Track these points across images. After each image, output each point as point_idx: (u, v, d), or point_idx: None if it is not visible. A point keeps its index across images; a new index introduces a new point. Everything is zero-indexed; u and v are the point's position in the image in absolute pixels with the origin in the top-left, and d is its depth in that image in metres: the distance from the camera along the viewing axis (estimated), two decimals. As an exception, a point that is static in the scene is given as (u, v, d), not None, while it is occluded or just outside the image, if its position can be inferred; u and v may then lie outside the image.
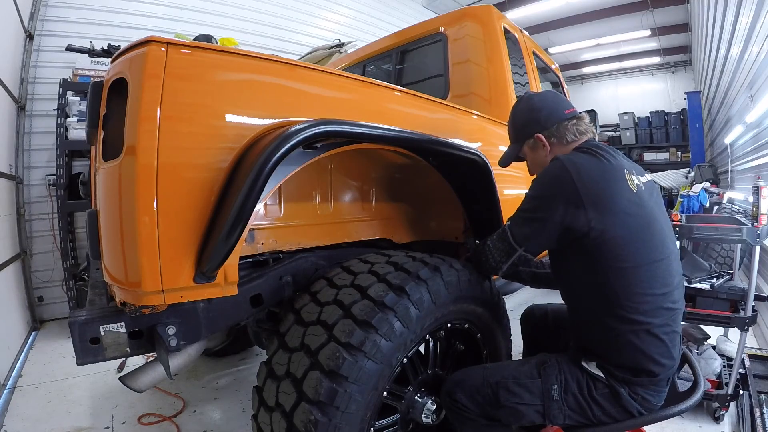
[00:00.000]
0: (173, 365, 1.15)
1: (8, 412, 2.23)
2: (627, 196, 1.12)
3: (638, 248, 1.11)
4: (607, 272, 1.13)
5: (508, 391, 1.19)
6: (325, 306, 1.16)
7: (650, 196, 1.21)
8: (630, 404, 1.17)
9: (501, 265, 1.29)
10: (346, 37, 4.94)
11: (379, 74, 2.82)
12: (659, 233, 1.16)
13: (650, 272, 1.12)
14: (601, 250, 1.12)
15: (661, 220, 1.19)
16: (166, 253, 0.93)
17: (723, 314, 1.98)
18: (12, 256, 3.22)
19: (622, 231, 1.10)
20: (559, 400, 1.17)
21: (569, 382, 1.18)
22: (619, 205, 1.10)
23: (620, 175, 1.14)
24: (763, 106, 3.42)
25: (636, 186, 1.16)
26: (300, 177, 1.39)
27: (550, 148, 1.31)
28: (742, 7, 3.77)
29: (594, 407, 1.17)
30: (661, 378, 1.18)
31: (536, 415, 1.18)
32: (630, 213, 1.11)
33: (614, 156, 1.20)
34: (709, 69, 6.92)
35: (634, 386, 1.16)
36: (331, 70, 1.30)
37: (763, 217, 1.96)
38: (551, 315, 1.60)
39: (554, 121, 1.29)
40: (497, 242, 1.28)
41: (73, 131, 3.42)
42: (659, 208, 1.22)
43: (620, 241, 1.10)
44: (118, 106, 0.95)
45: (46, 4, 3.82)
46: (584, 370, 1.20)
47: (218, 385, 2.53)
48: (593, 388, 1.17)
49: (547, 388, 1.18)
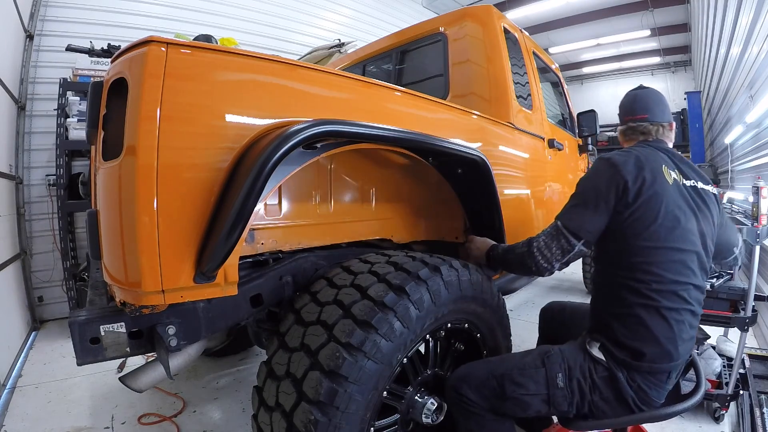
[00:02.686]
0: (173, 365, 1.15)
1: (8, 412, 2.24)
2: (660, 183, 1.22)
3: (657, 232, 1.19)
4: (630, 250, 1.21)
5: (514, 382, 1.23)
6: (325, 306, 1.16)
7: (691, 196, 1.27)
8: (625, 390, 1.19)
9: (554, 263, 1.32)
10: (346, 37, 4.94)
11: (379, 74, 2.82)
12: (682, 229, 1.21)
13: (667, 257, 1.19)
14: (630, 229, 1.21)
15: (690, 219, 1.24)
16: (166, 253, 0.92)
17: (723, 314, 1.99)
18: (12, 256, 3.22)
19: (648, 212, 1.19)
20: (563, 388, 1.21)
21: (573, 368, 1.23)
22: (653, 188, 1.20)
23: (658, 167, 1.25)
24: (763, 106, 3.42)
25: (673, 180, 1.25)
26: (300, 177, 1.40)
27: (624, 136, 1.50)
28: (742, 7, 3.77)
29: (594, 392, 1.21)
30: (660, 369, 1.19)
31: (542, 404, 1.22)
32: (659, 197, 1.20)
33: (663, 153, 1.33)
34: (709, 69, 6.92)
35: (632, 372, 1.19)
36: (331, 70, 1.30)
37: (763, 217, 1.96)
38: (568, 310, 1.66)
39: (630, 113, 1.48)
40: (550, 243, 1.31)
41: (73, 131, 3.42)
42: (696, 211, 1.26)
43: (645, 221, 1.19)
44: (118, 106, 0.95)
45: (46, 4, 3.82)
46: (586, 353, 1.25)
47: (218, 385, 2.53)
48: (594, 371, 1.22)
49: (552, 376, 1.22)
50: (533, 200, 2.30)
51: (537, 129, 2.43)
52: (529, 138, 2.31)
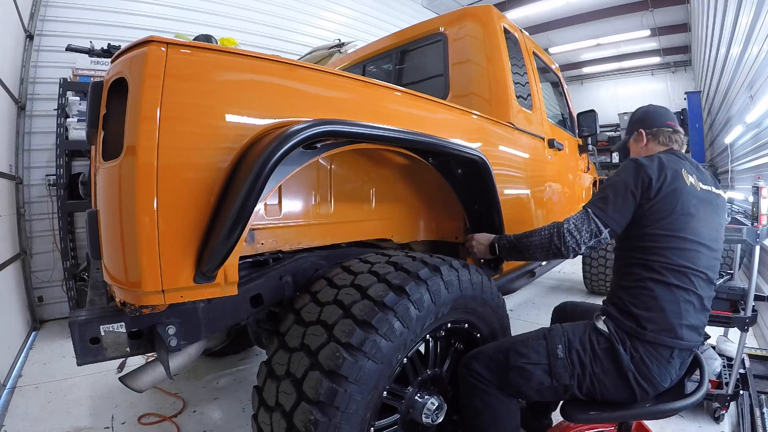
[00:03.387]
0: (173, 365, 1.16)
1: (8, 412, 2.23)
2: (678, 183, 1.32)
3: (672, 223, 1.29)
4: (648, 235, 1.31)
5: (517, 352, 1.34)
6: (325, 306, 1.16)
7: (704, 199, 1.37)
8: (626, 363, 1.23)
9: (581, 245, 1.38)
10: (346, 37, 4.94)
11: (379, 74, 2.82)
12: (694, 226, 1.31)
13: (678, 244, 1.28)
14: (649, 218, 1.31)
15: (702, 219, 1.33)
16: (166, 253, 0.93)
17: (723, 314, 1.98)
18: (12, 256, 3.22)
19: (666, 206, 1.30)
20: (563, 358, 1.29)
21: (572, 340, 1.32)
22: (671, 186, 1.31)
23: (679, 170, 1.36)
24: (763, 106, 3.42)
25: (690, 183, 1.35)
26: (300, 177, 1.40)
27: (646, 142, 1.58)
28: (742, 7, 3.77)
29: (595, 363, 1.27)
30: (663, 342, 1.23)
31: (543, 375, 1.30)
32: (675, 195, 1.30)
33: (683, 160, 1.43)
34: (709, 69, 6.92)
35: (635, 341, 1.25)
36: (331, 70, 1.30)
37: (763, 217, 1.96)
38: (580, 311, 1.70)
39: (656, 125, 1.57)
40: (579, 224, 1.38)
41: (73, 131, 3.42)
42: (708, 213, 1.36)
43: (662, 213, 1.30)
44: (118, 106, 0.95)
45: (46, 4, 3.82)
46: (589, 326, 1.34)
47: (218, 385, 2.53)
48: (595, 342, 1.30)
49: (552, 347, 1.31)
50: (533, 200, 2.31)
51: (537, 129, 2.44)
52: (529, 138, 2.31)
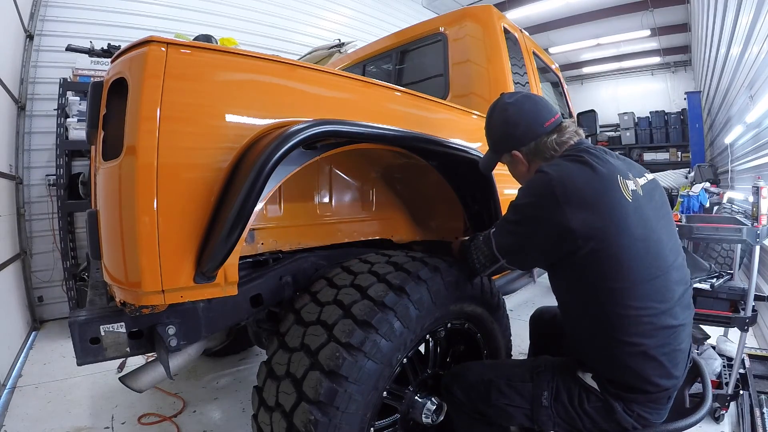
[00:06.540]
0: (173, 365, 1.16)
1: (8, 412, 2.23)
2: (619, 208, 1.03)
3: (630, 267, 1.02)
4: (597, 292, 1.06)
5: (500, 391, 1.20)
6: (325, 306, 1.16)
7: (649, 200, 1.12)
8: (624, 419, 1.10)
9: (485, 269, 1.27)
10: (346, 37, 4.93)
11: (379, 74, 2.82)
12: (655, 246, 1.06)
13: (644, 291, 1.04)
14: (590, 269, 1.05)
15: (659, 230, 1.10)
16: (166, 253, 0.92)
17: (723, 314, 1.98)
18: (12, 256, 3.22)
19: (612, 249, 1.02)
20: (548, 407, 1.14)
21: (560, 390, 1.15)
22: (610, 219, 1.02)
23: (612, 185, 1.04)
24: (763, 106, 3.41)
25: (632, 193, 1.06)
26: (300, 177, 1.39)
27: (528, 165, 1.23)
28: (742, 7, 3.77)
29: (584, 419, 1.13)
30: (659, 396, 1.11)
31: (525, 419, 1.18)
32: (622, 228, 1.02)
33: (606, 160, 1.10)
34: (709, 69, 6.92)
35: (629, 402, 1.10)
36: (331, 70, 1.30)
37: (763, 217, 1.96)
38: (559, 319, 1.55)
39: (532, 137, 1.19)
40: (483, 247, 1.24)
41: (73, 131, 3.42)
42: (658, 213, 1.13)
43: (611, 260, 1.02)
44: (118, 106, 0.95)
45: (46, 4, 3.82)
46: (579, 380, 1.15)
47: (218, 385, 2.53)
48: (585, 400, 1.13)
49: (537, 393, 1.16)
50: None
51: (537, 129, 2.43)
52: (529, 138, 2.31)
